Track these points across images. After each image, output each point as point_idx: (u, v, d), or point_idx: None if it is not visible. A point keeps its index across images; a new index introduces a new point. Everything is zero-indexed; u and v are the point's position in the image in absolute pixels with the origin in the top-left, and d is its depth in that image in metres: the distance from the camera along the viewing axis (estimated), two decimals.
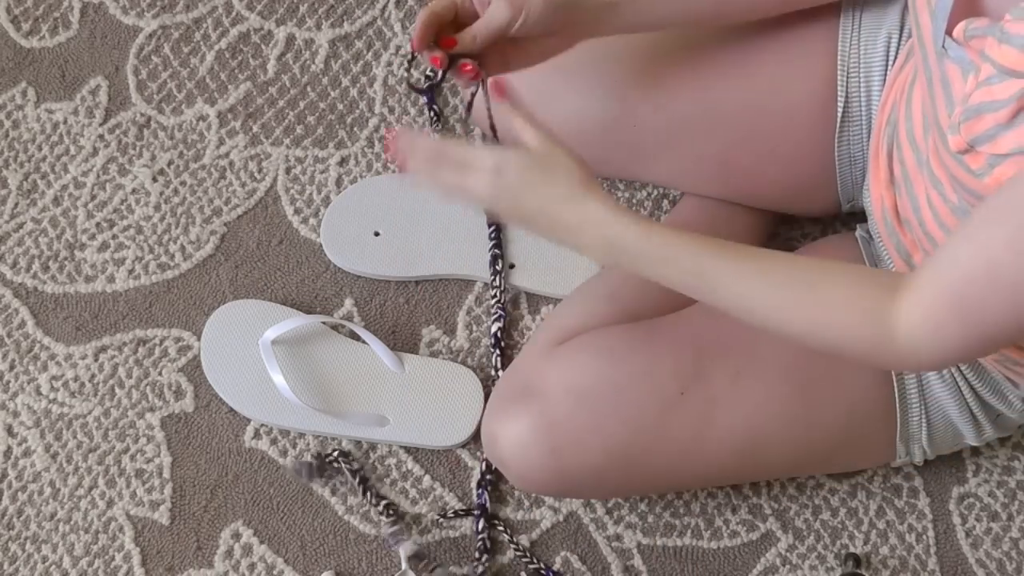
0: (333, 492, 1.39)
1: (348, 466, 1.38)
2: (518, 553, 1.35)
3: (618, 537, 1.37)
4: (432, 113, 1.53)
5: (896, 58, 1.24)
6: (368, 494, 1.37)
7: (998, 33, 0.91)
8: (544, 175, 1.05)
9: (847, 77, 1.26)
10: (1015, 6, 0.90)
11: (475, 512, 1.36)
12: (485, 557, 1.34)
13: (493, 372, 1.41)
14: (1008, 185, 0.91)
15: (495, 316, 1.43)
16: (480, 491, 1.37)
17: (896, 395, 1.22)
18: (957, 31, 0.95)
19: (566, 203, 1.04)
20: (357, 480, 1.38)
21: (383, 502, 1.36)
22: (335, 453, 1.38)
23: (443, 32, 1.14)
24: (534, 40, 1.16)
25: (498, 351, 1.42)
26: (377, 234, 1.46)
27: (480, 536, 1.35)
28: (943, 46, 0.97)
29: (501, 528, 1.36)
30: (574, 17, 1.16)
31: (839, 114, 1.27)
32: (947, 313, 0.94)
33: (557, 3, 1.14)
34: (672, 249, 1.03)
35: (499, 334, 1.43)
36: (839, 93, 1.27)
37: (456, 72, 1.14)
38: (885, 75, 1.25)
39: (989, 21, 0.93)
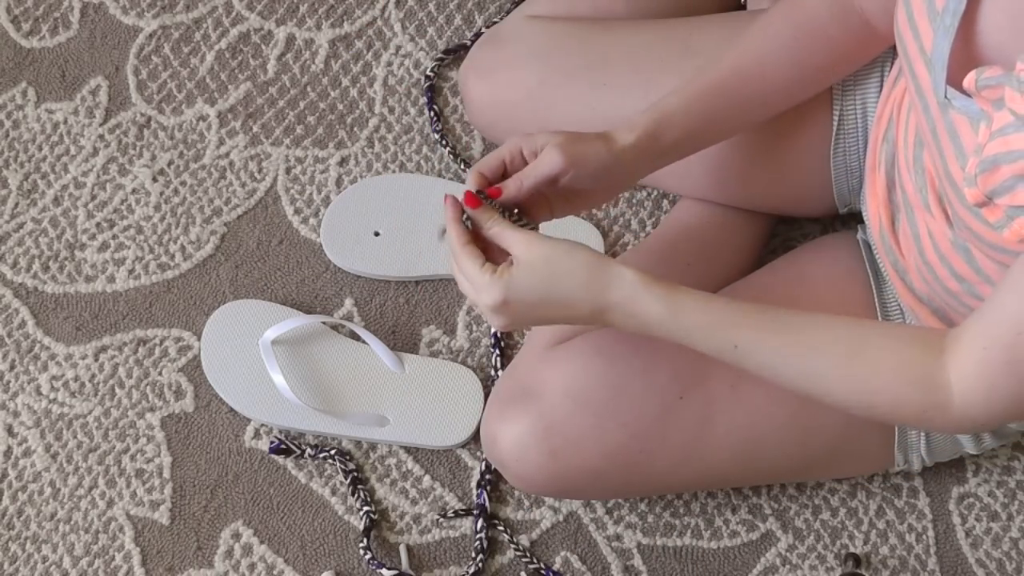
0: (333, 492, 1.39)
1: (343, 466, 1.38)
2: (518, 553, 1.35)
3: (618, 537, 1.37)
4: (432, 113, 1.53)
5: (891, 71, 1.24)
6: (357, 495, 1.37)
7: (1015, 83, 0.88)
8: (548, 288, 1.04)
9: (842, 92, 1.26)
10: (1021, 52, 0.88)
11: (474, 512, 1.36)
12: (480, 557, 1.34)
13: (493, 372, 1.41)
14: None
15: None
16: (480, 491, 1.37)
17: None
18: (967, 82, 0.93)
19: (580, 307, 1.05)
20: (349, 480, 1.38)
21: (365, 508, 1.36)
22: (332, 452, 1.38)
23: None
24: (582, 192, 1.13)
25: (498, 351, 1.42)
26: (377, 234, 1.46)
27: (478, 536, 1.35)
28: (946, 96, 0.95)
29: (501, 528, 1.36)
30: (620, 177, 1.14)
31: (834, 126, 1.27)
32: (1000, 371, 0.93)
33: (602, 161, 1.11)
34: (702, 326, 1.02)
35: (499, 334, 1.43)
36: (834, 106, 1.26)
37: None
38: (879, 88, 1.25)
39: (1002, 70, 0.91)
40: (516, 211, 1.10)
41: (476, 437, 1.38)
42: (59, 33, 1.59)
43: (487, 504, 1.36)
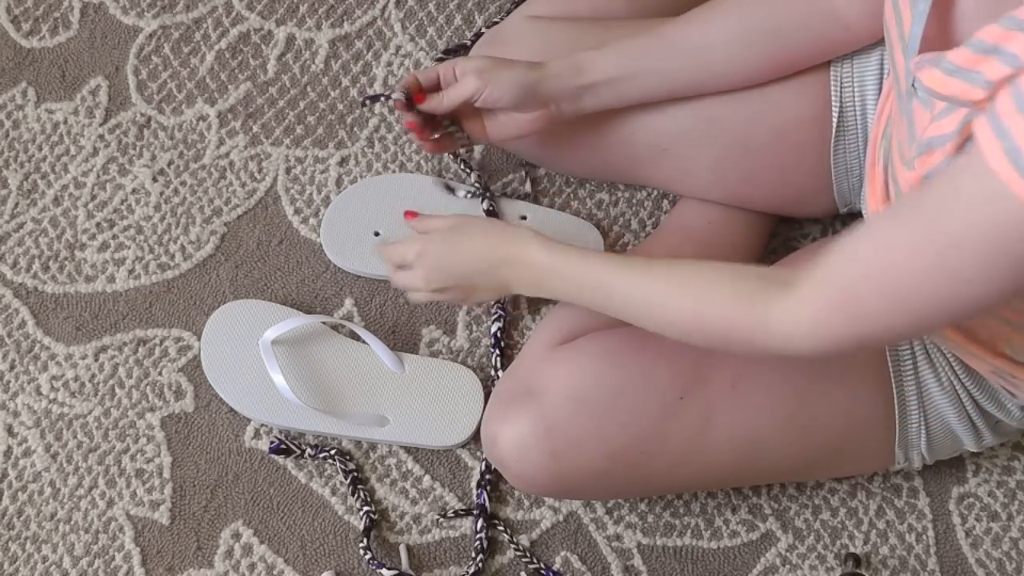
0: (333, 492, 1.39)
1: (343, 466, 1.38)
2: (518, 553, 1.35)
3: (618, 537, 1.37)
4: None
5: (890, 71, 1.24)
6: (357, 495, 1.37)
7: (938, 60, 0.90)
8: (459, 238, 1.21)
9: (841, 88, 1.26)
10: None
11: (474, 512, 1.36)
12: (480, 557, 1.34)
13: (493, 372, 1.41)
14: (917, 191, 0.92)
15: (495, 316, 1.43)
16: (480, 491, 1.37)
17: (895, 402, 1.22)
18: (912, 65, 0.95)
19: (486, 256, 1.19)
20: (349, 480, 1.38)
21: (365, 508, 1.36)
22: (332, 452, 1.38)
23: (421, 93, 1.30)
24: (507, 113, 1.30)
25: (498, 351, 1.42)
26: (377, 234, 1.46)
27: (478, 536, 1.35)
28: (912, 84, 0.97)
29: (501, 528, 1.36)
30: (540, 97, 1.27)
31: (834, 125, 1.27)
32: (835, 308, 0.96)
33: (522, 83, 1.26)
34: (577, 272, 1.14)
35: (499, 334, 1.43)
36: (833, 104, 1.27)
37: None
38: (879, 86, 1.25)
39: (938, 53, 0.92)
40: (453, 124, 1.31)
41: (476, 437, 1.38)
42: (59, 33, 1.59)
43: (487, 504, 1.36)
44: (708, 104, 1.30)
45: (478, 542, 1.35)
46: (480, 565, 1.34)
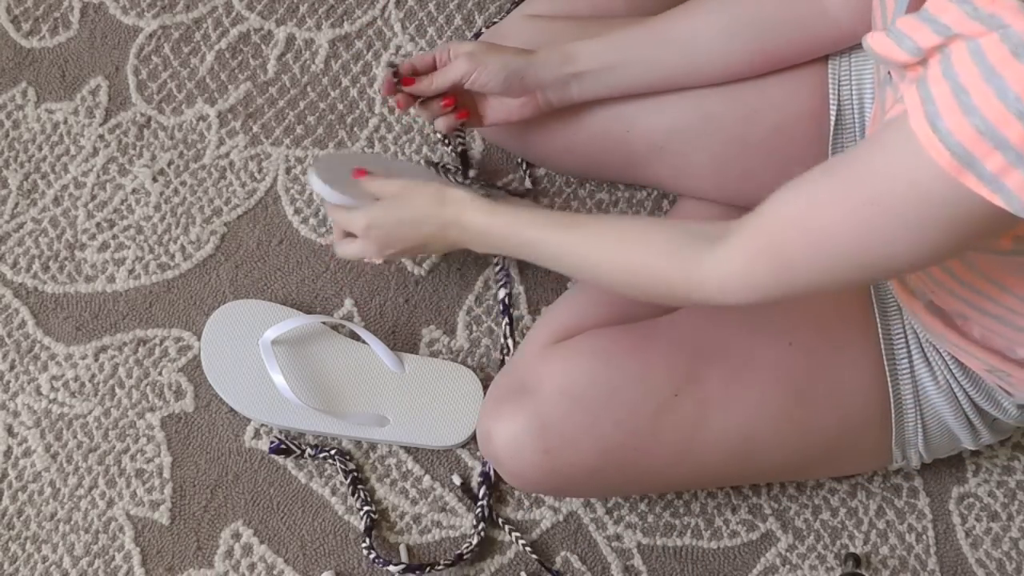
0: (333, 492, 1.39)
1: (343, 466, 1.38)
2: (522, 543, 1.35)
3: (618, 537, 1.37)
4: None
5: None
6: (357, 495, 1.37)
7: (893, 34, 0.92)
8: (403, 209, 1.24)
9: (839, 85, 1.26)
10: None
11: (478, 479, 1.37)
12: (482, 526, 1.35)
13: (503, 340, 1.40)
14: (851, 148, 0.95)
15: (501, 283, 1.42)
16: (486, 463, 1.37)
17: (891, 401, 1.22)
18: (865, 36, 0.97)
19: (429, 223, 1.22)
20: (349, 480, 1.38)
21: (366, 508, 1.36)
22: (332, 452, 1.38)
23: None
24: (498, 98, 1.32)
25: (507, 318, 1.41)
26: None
27: (480, 504, 1.36)
28: (888, 73, 0.98)
29: (502, 521, 1.36)
30: (528, 84, 1.29)
31: (832, 122, 1.27)
32: (762, 256, 0.99)
33: (510, 68, 1.28)
34: (509, 226, 1.17)
35: (507, 300, 1.42)
36: (831, 102, 1.27)
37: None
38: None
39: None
40: (451, 106, 1.32)
41: (476, 437, 1.38)
42: (59, 33, 1.59)
43: (491, 472, 1.37)
44: (705, 101, 1.30)
45: (479, 510, 1.35)
46: (482, 535, 1.34)
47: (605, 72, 1.29)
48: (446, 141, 1.51)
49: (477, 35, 1.54)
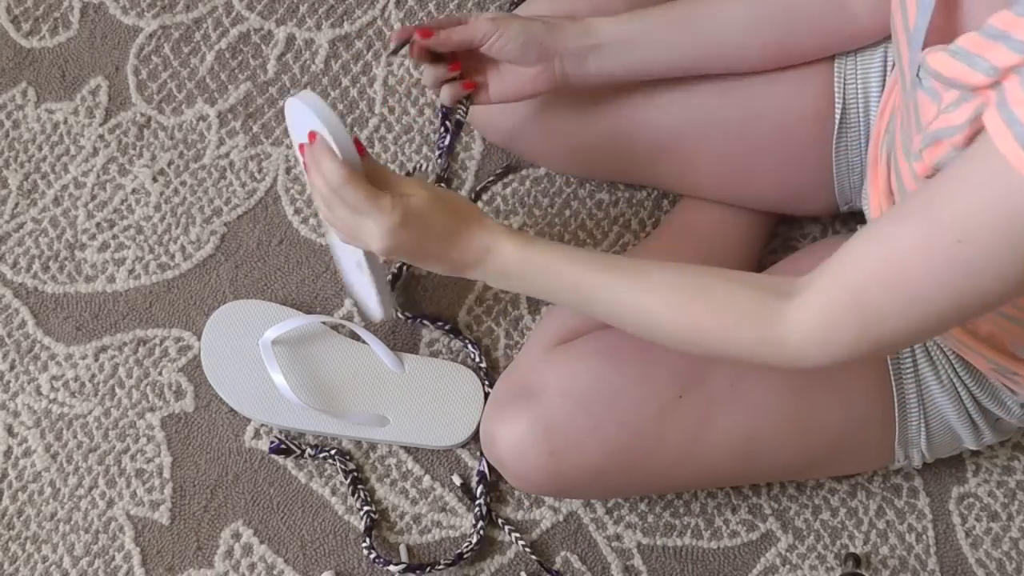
0: (333, 492, 1.39)
1: (343, 466, 1.38)
2: (522, 543, 1.35)
3: (618, 537, 1.37)
4: (444, 126, 1.50)
5: (894, 66, 1.24)
6: (357, 495, 1.37)
7: (952, 50, 0.90)
8: (426, 232, 1.08)
9: (844, 84, 1.26)
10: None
11: (475, 478, 1.37)
12: (481, 524, 1.35)
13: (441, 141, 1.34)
14: (924, 187, 0.91)
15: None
16: (481, 459, 1.37)
17: (895, 400, 1.22)
18: (921, 56, 0.94)
19: (454, 245, 1.09)
20: (349, 480, 1.38)
21: (366, 508, 1.36)
22: (332, 452, 1.38)
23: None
24: (513, 70, 1.24)
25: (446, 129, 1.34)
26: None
27: (477, 503, 1.35)
28: (917, 75, 0.97)
29: (502, 521, 1.36)
30: (547, 50, 1.23)
31: (836, 121, 1.27)
32: (845, 312, 0.95)
33: (531, 32, 1.22)
34: (548, 268, 1.07)
35: (448, 119, 1.33)
36: (836, 100, 1.27)
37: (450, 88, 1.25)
38: (883, 83, 1.25)
39: (943, 46, 0.92)
40: (458, 74, 1.24)
41: (476, 437, 1.38)
42: (59, 33, 1.59)
43: (487, 472, 1.37)
44: (710, 102, 1.29)
45: (477, 508, 1.35)
46: (481, 534, 1.35)
47: (624, 48, 1.25)
48: (445, 112, 1.44)
49: None
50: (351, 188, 1.06)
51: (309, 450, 1.38)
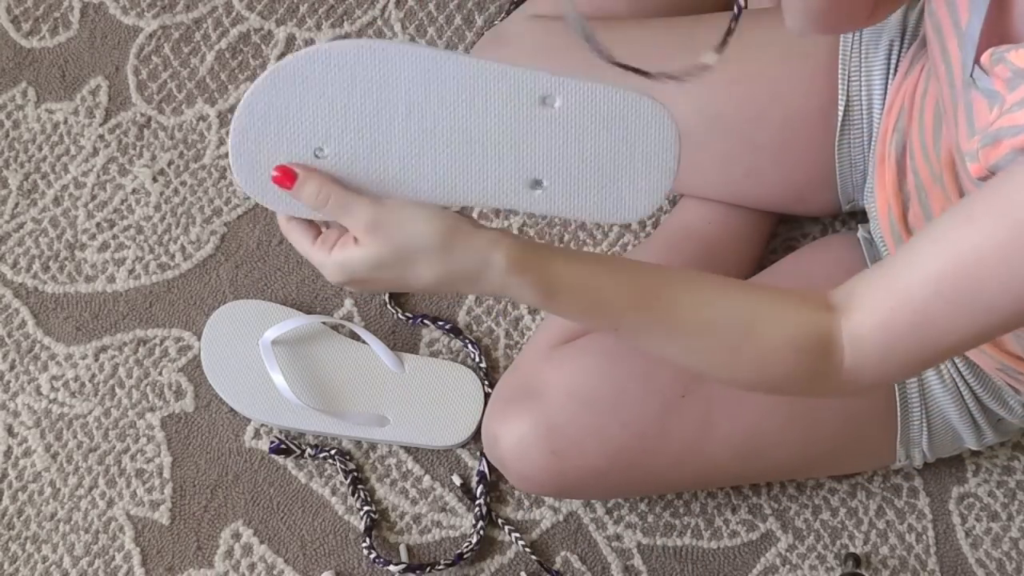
0: (333, 492, 1.39)
1: (343, 466, 1.38)
2: (522, 543, 1.35)
3: (618, 537, 1.37)
4: None
5: (898, 63, 1.24)
6: (357, 495, 1.37)
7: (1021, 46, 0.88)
8: (401, 273, 0.92)
9: (848, 81, 1.26)
10: None
11: (475, 478, 1.36)
12: (481, 524, 1.35)
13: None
14: (980, 192, 0.88)
15: None
16: (481, 459, 1.37)
17: (897, 399, 1.22)
18: (984, 58, 0.92)
19: (441, 290, 0.93)
20: (349, 480, 1.38)
21: (366, 508, 1.36)
22: (332, 452, 1.38)
23: None
24: None
25: None
26: (319, 154, 0.93)
27: (477, 503, 1.35)
28: (971, 76, 0.94)
29: (502, 521, 1.36)
30: None
31: (840, 118, 1.27)
32: (904, 332, 0.89)
33: None
34: (580, 310, 0.94)
35: None
36: (840, 97, 1.26)
37: None
38: (886, 80, 1.25)
39: (1011, 45, 0.90)
40: None
41: (476, 437, 1.38)
42: (59, 33, 1.59)
43: (487, 473, 1.37)
44: (714, 101, 1.29)
45: (477, 508, 1.35)
46: (481, 534, 1.35)
47: None
48: None
49: (478, 35, 1.54)
50: (290, 237, 0.95)
51: (309, 450, 1.38)
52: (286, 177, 0.91)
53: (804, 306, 0.93)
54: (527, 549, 1.35)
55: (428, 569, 1.34)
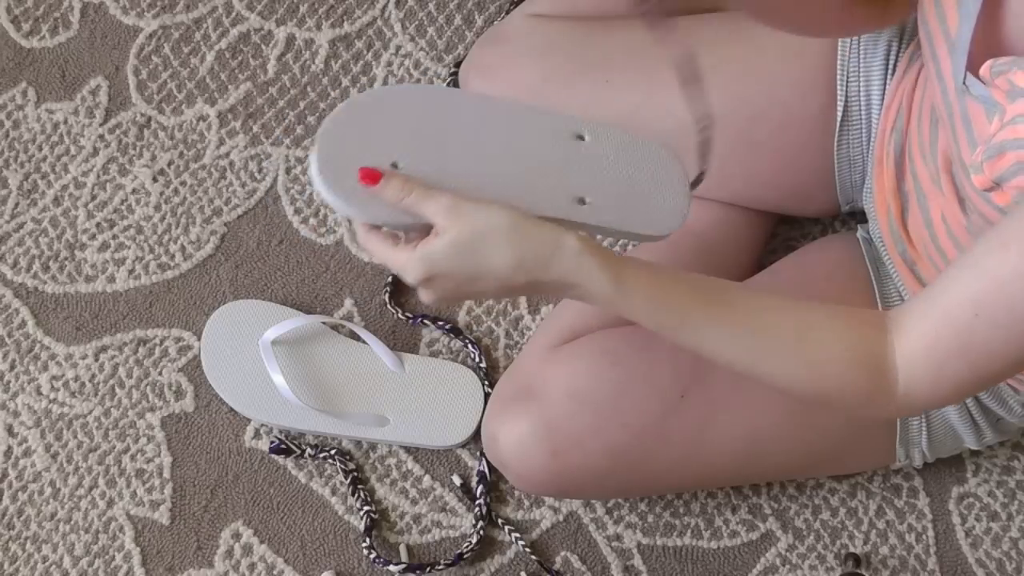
0: (333, 492, 1.39)
1: (343, 466, 1.38)
2: (522, 543, 1.35)
3: (618, 537, 1.37)
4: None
5: (897, 63, 1.24)
6: (357, 495, 1.37)
7: (1019, 62, 0.89)
8: (478, 265, 0.96)
9: (847, 81, 1.26)
10: None
11: (475, 478, 1.37)
12: (481, 524, 1.35)
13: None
14: (1015, 211, 0.89)
15: None
16: (481, 459, 1.37)
17: None
18: (983, 70, 0.93)
19: (515, 281, 0.97)
20: (349, 480, 1.38)
21: (366, 508, 1.36)
22: (332, 452, 1.38)
23: None
24: None
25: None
26: (395, 165, 1.01)
27: (477, 503, 1.35)
28: (964, 83, 0.95)
29: (502, 521, 1.36)
30: None
31: (838, 118, 1.27)
32: (952, 355, 0.92)
33: None
34: (647, 305, 0.98)
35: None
36: (839, 97, 1.26)
37: None
38: (885, 80, 1.25)
39: (1013, 58, 0.91)
40: None
41: (476, 437, 1.38)
42: (59, 33, 1.59)
43: (487, 473, 1.37)
44: (714, 102, 1.29)
45: (477, 508, 1.35)
46: (481, 534, 1.35)
47: None
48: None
49: (478, 35, 1.54)
50: (369, 248, 1.01)
51: (309, 450, 1.38)
52: (372, 176, 0.98)
53: (859, 323, 0.97)
54: (527, 549, 1.35)
55: (428, 569, 1.34)
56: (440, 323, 1.44)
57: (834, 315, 0.98)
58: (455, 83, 1.53)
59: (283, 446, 1.39)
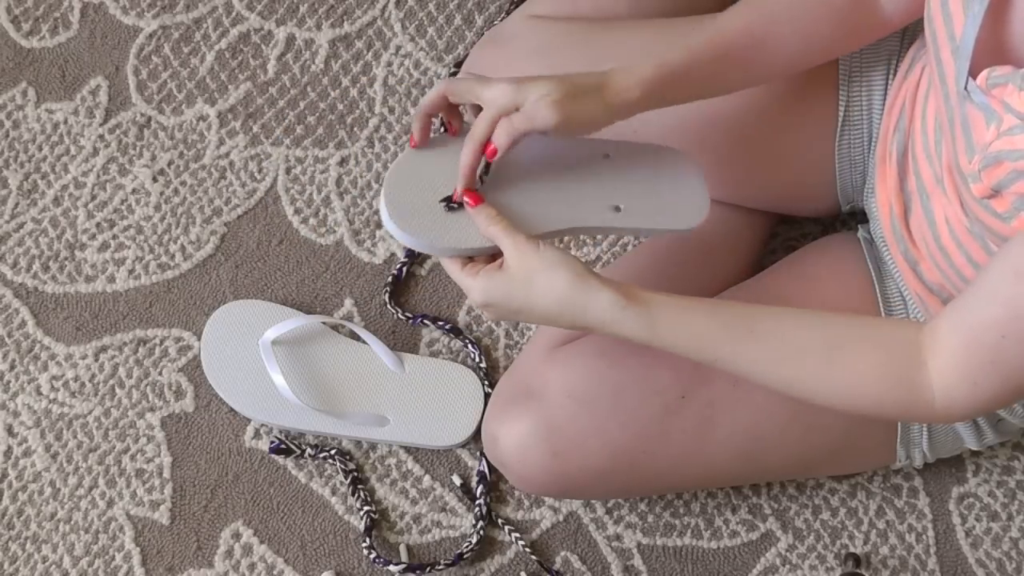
0: (333, 492, 1.39)
1: (343, 466, 1.38)
2: (522, 543, 1.35)
3: (618, 537, 1.37)
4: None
5: (899, 63, 1.24)
6: (357, 495, 1.37)
7: (1019, 80, 0.89)
8: (527, 301, 1.06)
9: (848, 81, 1.26)
10: None
11: (475, 478, 1.36)
12: (481, 524, 1.35)
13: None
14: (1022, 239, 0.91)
15: None
16: (481, 459, 1.37)
17: None
18: (980, 78, 0.93)
19: (560, 321, 1.07)
20: (349, 480, 1.38)
21: (366, 508, 1.36)
22: (332, 452, 1.38)
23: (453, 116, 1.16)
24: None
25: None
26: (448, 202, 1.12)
27: (477, 503, 1.35)
28: (965, 88, 0.95)
29: (502, 521, 1.36)
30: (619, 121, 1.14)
31: (840, 119, 1.27)
32: (984, 370, 0.95)
33: (617, 117, 1.12)
34: (680, 344, 1.05)
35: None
36: (840, 97, 1.26)
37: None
38: (887, 80, 1.25)
39: (1012, 69, 0.91)
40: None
41: (476, 437, 1.38)
42: (59, 33, 1.59)
43: (487, 472, 1.37)
44: (713, 102, 1.29)
45: (477, 508, 1.35)
46: (481, 534, 1.35)
47: (686, 96, 1.17)
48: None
49: (478, 35, 1.54)
50: (444, 262, 1.11)
51: (309, 450, 1.39)
52: (474, 198, 1.10)
53: (889, 340, 1.01)
54: (527, 549, 1.35)
55: (428, 569, 1.34)
56: (440, 323, 1.44)
57: (863, 335, 1.02)
58: None
59: (283, 446, 1.39)
